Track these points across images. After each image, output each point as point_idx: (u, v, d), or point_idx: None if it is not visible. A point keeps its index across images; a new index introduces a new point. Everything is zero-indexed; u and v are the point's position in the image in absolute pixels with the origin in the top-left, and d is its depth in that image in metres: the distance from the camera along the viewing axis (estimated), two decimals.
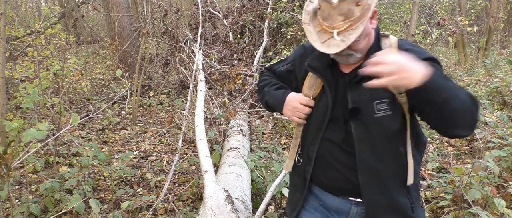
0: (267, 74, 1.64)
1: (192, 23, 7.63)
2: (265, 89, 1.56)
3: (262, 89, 1.59)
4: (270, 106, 1.55)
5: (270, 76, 1.61)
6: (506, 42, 13.00)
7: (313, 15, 1.28)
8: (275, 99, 1.49)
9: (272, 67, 1.63)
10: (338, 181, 1.38)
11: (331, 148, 1.37)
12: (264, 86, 1.58)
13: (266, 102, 1.55)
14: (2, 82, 2.99)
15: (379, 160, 1.30)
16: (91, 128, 5.31)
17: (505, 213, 2.50)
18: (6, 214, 2.78)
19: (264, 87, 1.58)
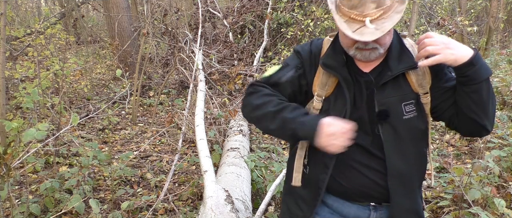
0: (265, 89, 1.29)
1: (192, 23, 7.64)
2: (270, 109, 1.22)
3: (264, 110, 1.23)
4: (288, 132, 1.21)
5: (269, 91, 1.29)
6: (506, 42, 13.00)
7: (336, 6, 1.20)
8: (302, 126, 1.18)
9: (271, 78, 1.32)
10: (365, 187, 1.29)
11: (355, 152, 1.26)
12: (264, 106, 1.24)
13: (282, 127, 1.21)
14: (2, 82, 2.99)
15: (408, 163, 1.27)
16: (91, 128, 5.31)
17: (505, 213, 2.50)
18: (6, 214, 2.78)
19: (266, 107, 1.23)
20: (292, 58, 1.35)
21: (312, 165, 1.32)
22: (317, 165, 1.31)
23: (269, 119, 1.23)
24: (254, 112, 1.27)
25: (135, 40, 7.63)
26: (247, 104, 1.31)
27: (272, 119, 1.22)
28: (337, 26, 1.17)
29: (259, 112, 1.25)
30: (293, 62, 1.33)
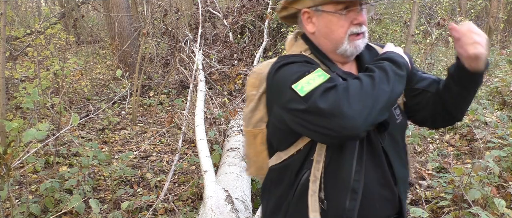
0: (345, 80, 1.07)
1: (192, 23, 7.64)
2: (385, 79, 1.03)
3: (381, 86, 1.02)
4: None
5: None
6: (506, 42, 13.01)
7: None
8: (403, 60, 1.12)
9: (334, 77, 1.08)
10: (388, 204, 1.18)
11: (377, 169, 1.16)
12: (376, 85, 1.01)
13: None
14: (2, 82, 2.99)
15: (405, 166, 1.25)
16: (91, 128, 5.31)
17: (505, 213, 2.50)
18: (6, 214, 2.78)
19: (379, 84, 1.01)
20: (305, 66, 1.11)
21: (333, 195, 1.11)
22: (340, 192, 1.11)
23: (385, 81, 1.03)
24: (369, 92, 0.99)
25: (135, 40, 7.64)
26: (360, 97, 0.98)
27: (388, 79, 1.03)
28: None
29: (374, 87, 1.00)
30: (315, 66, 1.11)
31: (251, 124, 1.28)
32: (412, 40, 5.84)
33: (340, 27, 1.16)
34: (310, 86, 1.01)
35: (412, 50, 6.58)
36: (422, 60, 6.91)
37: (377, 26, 7.07)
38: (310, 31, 1.21)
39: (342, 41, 1.17)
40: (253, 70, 1.30)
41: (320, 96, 0.98)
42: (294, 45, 1.27)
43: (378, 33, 7.32)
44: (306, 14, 1.20)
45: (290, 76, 1.07)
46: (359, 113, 0.96)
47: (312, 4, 1.16)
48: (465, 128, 4.55)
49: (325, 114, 0.97)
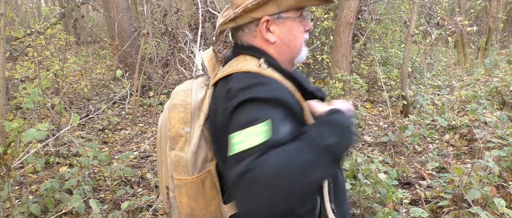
0: (269, 156, 0.90)
1: (192, 23, 7.63)
2: (304, 157, 0.89)
3: (297, 167, 0.88)
4: (343, 145, 0.96)
5: (286, 146, 0.93)
6: (505, 42, 13.01)
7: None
8: (345, 141, 0.97)
9: (269, 144, 0.92)
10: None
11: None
12: (292, 165, 0.88)
13: (332, 154, 0.93)
14: (2, 83, 2.99)
15: None
16: (91, 128, 5.31)
17: (505, 213, 2.51)
18: (6, 214, 2.78)
19: (296, 162, 0.88)
20: (264, 110, 0.98)
21: (338, 203, 1.12)
22: (342, 197, 1.15)
23: (309, 167, 0.89)
24: (283, 183, 0.87)
25: (135, 41, 7.64)
26: (262, 191, 0.87)
27: (313, 164, 0.89)
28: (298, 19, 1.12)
29: (291, 176, 0.87)
30: (274, 113, 0.98)
31: (196, 168, 1.12)
32: (412, 40, 5.84)
33: (300, 33, 1.15)
34: (243, 145, 0.93)
35: (412, 50, 6.58)
36: (422, 60, 6.91)
37: (377, 26, 7.07)
38: (271, 41, 1.13)
39: (301, 48, 1.17)
40: (174, 103, 1.14)
41: (243, 165, 0.89)
42: (240, 61, 1.13)
43: (378, 33, 7.32)
44: (265, 23, 1.12)
45: (241, 119, 0.97)
46: (261, 208, 0.88)
47: (276, 11, 1.10)
48: (465, 127, 4.55)
49: (234, 196, 0.92)
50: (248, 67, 1.08)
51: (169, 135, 1.13)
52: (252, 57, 1.13)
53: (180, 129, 1.12)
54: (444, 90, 7.08)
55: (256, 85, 1.02)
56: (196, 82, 1.21)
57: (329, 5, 6.56)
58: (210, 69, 1.21)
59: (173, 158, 1.12)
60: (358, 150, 4.17)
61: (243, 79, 1.05)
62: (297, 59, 1.17)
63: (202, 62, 1.24)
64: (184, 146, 1.12)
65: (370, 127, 5.04)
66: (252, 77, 1.05)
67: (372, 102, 6.30)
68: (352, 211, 2.88)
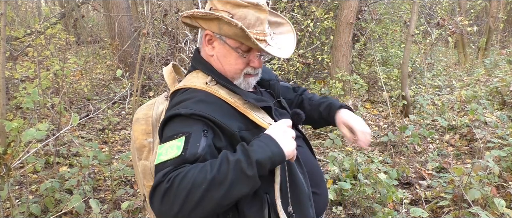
0: (181, 171, 0.98)
1: None
2: (210, 175, 0.95)
3: (204, 183, 0.94)
4: (251, 172, 0.97)
5: (187, 168, 0.99)
6: (506, 42, 13.00)
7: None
8: (263, 151, 0.99)
9: (183, 157, 1.01)
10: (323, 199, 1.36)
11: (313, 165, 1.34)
12: (200, 180, 0.95)
13: (241, 173, 0.96)
14: (2, 82, 2.99)
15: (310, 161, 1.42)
16: (91, 128, 5.31)
17: (505, 213, 2.51)
18: (6, 214, 2.78)
19: (203, 179, 0.95)
20: (184, 125, 1.07)
21: (299, 208, 1.17)
22: (305, 203, 1.19)
23: (218, 183, 0.94)
24: (191, 196, 0.93)
25: (135, 40, 7.63)
26: (171, 203, 0.94)
27: (222, 181, 0.94)
28: (258, 45, 1.14)
29: (198, 190, 0.94)
30: (192, 128, 1.06)
31: None
32: (412, 40, 5.84)
33: (237, 63, 1.21)
34: (163, 157, 1.03)
35: (412, 50, 6.58)
36: (422, 60, 6.91)
37: (377, 26, 7.07)
38: (209, 54, 1.23)
39: (238, 76, 1.22)
40: (138, 117, 1.25)
41: (158, 184, 0.98)
42: (193, 77, 1.23)
43: (378, 33, 7.32)
44: (208, 36, 1.21)
45: (166, 133, 1.09)
46: (164, 216, 0.98)
47: (217, 32, 1.16)
48: (465, 127, 4.55)
49: (149, 202, 1.02)
50: (195, 84, 1.18)
51: (135, 146, 1.25)
52: (203, 74, 1.23)
53: (143, 140, 1.23)
54: (444, 90, 7.08)
55: (185, 101, 1.13)
56: (160, 97, 1.33)
57: (329, 5, 6.56)
58: (169, 83, 1.32)
59: (141, 167, 1.23)
60: (358, 150, 4.17)
61: (181, 95, 1.17)
62: (235, 82, 1.23)
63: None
64: (148, 155, 1.22)
65: (370, 127, 5.04)
66: (186, 94, 1.16)
67: (372, 102, 6.30)
68: (352, 211, 2.88)
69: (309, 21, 5.95)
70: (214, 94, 1.16)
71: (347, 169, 3.22)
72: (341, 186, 2.84)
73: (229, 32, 1.13)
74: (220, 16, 1.11)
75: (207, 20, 1.16)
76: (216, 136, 1.09)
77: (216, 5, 1.17)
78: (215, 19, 1.13)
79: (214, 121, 1.08)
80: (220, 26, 1.14)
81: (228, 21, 1.10)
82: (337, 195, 2.93)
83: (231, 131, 1.10)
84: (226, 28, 1.12)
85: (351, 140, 1.37)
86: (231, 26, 1.11)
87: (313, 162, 1.36)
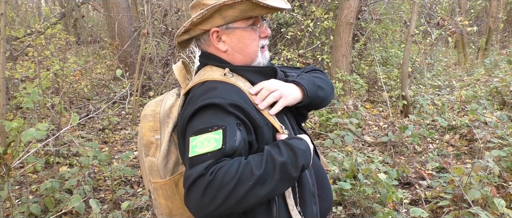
0: (224, 164, 1.00)
1: None
2: (257, 173, 0.99)
3: (249, 179, 0.98)
4: (294, 173, 1.04)
5: (228, 161, 1.01)
6: (506, 42, 13.00)
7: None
8: (305, 154, 1.07)
9: (224, 151, 1.02)
10: (330, 192, 1.38)
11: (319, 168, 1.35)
12: (245, 176, 0.98)
13: (285, 174, 1.02)
14: (2, 82, 2.99)
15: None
16: (91, 128, 5.31)
17: (505, 213, 2.51)
18: (6, 214, 2.78)
19: (249, 175, 0.99)
20: (218, 117, 1.07)
21: (304, 206, 1.18)
22: (309, 200, 1.19)
23: (264, 181, 0.99)
24: (237, 190, 0.97)
25: (135, 40, 7.63)
26: (214, 196, 0.97)
27: (267, 179, 0.99)
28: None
29: (244, 185, 0.97)
30: (227, 121, 1.06)
31: (168, 171, 1.19)
32: (412, 40, 5.84)
33: (253, 40, 1.20)
34: (200, 149, 1.02)
35: (412, 50, 6.58)
36: (422, 60, 6.91)
37: (377, 26, 7.07)
38: (223, 50, 1.21)
39: (257, 54, 1.22)
40: (145, 114, 1.25)
41: (198, 168, 1.00)
42: (207, 71, 1.22)
43: (378, 33, 7.32)
44: (215, 34, 1.19)
45: (198, 125, 1.07)
46: (203, 208, 0.99)
47: (223, 23, 1.16)
48: (465, 128, 4.55)
49: (187, 197, 1.01)
50: (213, 77, 1.17)
51: (142, 143, 1.24)
52: (217, 67, 1.21)
53: (151, 137, 1.22)
54: (444, 90, 7.08)
55: (212, 91, 1.10)
56: (169, 93, 1.31)
57: (329, 5, 6.56)
58: (181, 80, 1.30)
59: (148, 163, 1.22)
60: (358, 150, 4.17)
61: (203, 87, 1.15)
62: (255, 64, 1.24)
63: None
64: (156, 152, 1.21)
65: (370, 127, 5.04)
66: (210, 85, 1.14)
67: (372, 102, 6.30)
68: (352, 211, 2.88)
69: (309, 21, 5.95)
70: (235, 85, 1.15)
71: (347, 169, 3.22)
72: (341, 186, 2.84)
73: (235, 13, 1.13)
74: (221, 4, 1.10)
75: (208, 19, 1.15)
76: (248, 129, 1.10)
77: (204, 2, 1.16)
78: (216, 12, 1.13)
79: (247, 112, 1.09)
80: (223, 15, 1.13)
81: (231, 3, 1.09)
82: (337, 195, 2.93)
83: (258, 124, 1.12)
84: (231, 12, 1.12)
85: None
86: (234, 6, 1.10)
87: (318, 164, 1.36)
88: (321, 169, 1.36)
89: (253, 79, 1.21)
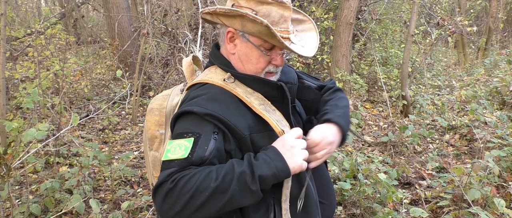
0: (187, 172, 1.00)
1: (192, 23, 7.63)
2: (213, 184, 0.97)
3: (207, 190, 0.97)
4: (254, 186, 0.99)
5: (193, 171, 1.01)
6: (505, 42, 13.01)
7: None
8: (268, 167, 1.01)
9: (190, 160, 1.02)
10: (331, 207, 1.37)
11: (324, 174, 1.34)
12: (203, 186, 0.97)
13: (244, 186, 0.99)
14: (2, 83, 2.99)
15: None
16: (91, 128, 5.31)
17: (504, 213, 2.51)
18: (6, 214, 2.78)
19: (207, 185, 0.97)
20: (195, 125, 1.07)
21: (304, 209, 1.15)
22: (313, 210, 1.18)
23: (220, 192, 0.97)
24: (194, 201, 0.97)
25: (135, 41, 7.63)
26: (173, 204, 0.97)
27: (225, 190, 0.97)
28: (283, 43, 1.10)
29: (201, 196, 0.96)
30: (203, 129, 1.06)
31: None
32: (412, 40, 5.84)
33: (259, 62, 1.18)
34: (171, 154, 1.03)
35: (412, 50, 6.58)
36: (422, 60, 6.91)
37: (377, 26, 7.07)
38: (231, 52, 1.19)
39: (259, 74, 1.20)
40: (152, 107, 1.24)
41: (163, 173, 1.01)
42: (211, 72, 1.20)
43: (378, 33, 7.32)
44: (230, 33, 1.18)
45: (177, 129, 1.09)
46: (164, 213, 1.00)
47: (240, 29, 1.14)
48: (465, 127, 4.55)
49: (155, 202, 1.02)
50: (212, 80, 1.16)
51: (147, 136, 1.24)
52: (221, 70, 1.20)
53: (155, 131, 1.22)
54: (444, 90, 7.08)
55: (199, 97, 1.10)
56: (176, 88, 1.30)
57: (329, 5, 6.56)
58: (187, 76, 1.28)
59: (151, 157, 1.22)
60: (358, 150, 4.17)
61: (196, 90, 1.15)
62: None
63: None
64: (159, 147, 1.21)
65: (370, 127, 5.04)
66: (202, 89, 1.14)
67: (372, 102, 6.30)
68: (352, 211, 2.88)
69: None
70: (231, 92, 1.14)
71: (347, 169, 3.22)
72: (341, 186, 2.84)
73: (253, 29, 1.11)
74: (244, 13, 1.08)
75: (230, 17, 1.13)
76: (226, 139, 1.08)
77: (239, 2, 1.14)
78: (238, 16, 1.11)
79: (226, 122, 1.07)
80: (243, 24, 1.11)
81: (252, 19, 1.07)
82: (337, 195, 2.93)
83: (241, 134, 1.09)
84: (250, 26, 1.10)
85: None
86: (255, 23, 1.08)
87: (324, 171, 1.34)
88: (326, 176, 1.33)
89: (255, 89, 1.17)
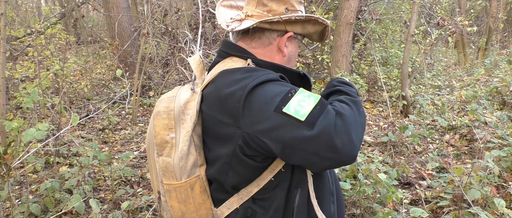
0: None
1: (192, 23, 7.63)
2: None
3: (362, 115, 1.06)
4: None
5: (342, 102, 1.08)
6: (506, 42, 13.01)
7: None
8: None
9: (322, 99, 1.03)
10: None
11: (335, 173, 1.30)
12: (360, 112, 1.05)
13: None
14: (2, 82, 2.99)
15: None
16: (91, 128, 5.31)
17: (505, 213, 2.51)
18: (6, 214, 2.78)
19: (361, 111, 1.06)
20: (283, 85, 1.04)
21: (323, 204, 1.14)
22: (327, 199, 1.16)
23: (362, 110, 1.08)
24: (361, 118, 1.04)
25: (135, 40, 7.64)
26: (357, 128, 0.98)
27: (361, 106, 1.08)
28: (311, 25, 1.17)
29: (361, 113, 1.06)
30: (289, 85, 1.07)
31: (185, 173, 1.11)
32: (412, 40, 5.84)
33: (296, 55, 1.26)
34: (304, 109, 0.94)
35: (412, 50, 6.58)
36: (422, 60, 6.91)
37: (377, 26, 7.07)
38: (285, 53, 1.17)
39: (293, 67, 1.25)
40: (158, 111, 1.14)
41: (322, 119, 0.92)
42: (227, 62, 1.14)
43: (378, 33, 7.32)
44: (291, 38, 1.18)
45: (273, 98, 0.96)
46: (357, 144, 0.95)
47: (299, 32, 1.18)
48: (465, 128, 4.55)
49: (336, 147, 0.91)
50: (237, 66, 1.11)
51: (155, 142, 1.14)
52: (239, 58, 1.14)
53: (165, 135, 1.12)
54: (444, 90, 7.08)
55: (254, 72, 1.04)
56: (182, 88, 1.21)
57: (329, 5, 6.56)
58: (198, 75, 1.21)
59: (161, 163, 1.13)
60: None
61: (234, 73, 1.07)
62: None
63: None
64: (171, 152, 1.12)
65: (370, 127, 5.04)
66: (244, 69, 1.08)
67: (372, 102, 6.30)
68: (352, 211, 2.88)
69: None
70: None
71: (347, 169, 3.22)
72: (341, 186, 2.84)
73: (312, 30, 1.17)
74: (315, 18, 1.14)
75: (293, 23, 1.14)
76: None
77: (294, 5, 1.17)
78: (306, 21, 1.15)
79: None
80: (304, 26, 1.16)
81: (321, 22, 1.15)
82: None
83: None
84: (310, 27, 1.16)
85: None
86: (316, 24, 1.16)
87: (333, 172, 1.34)
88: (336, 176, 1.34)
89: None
